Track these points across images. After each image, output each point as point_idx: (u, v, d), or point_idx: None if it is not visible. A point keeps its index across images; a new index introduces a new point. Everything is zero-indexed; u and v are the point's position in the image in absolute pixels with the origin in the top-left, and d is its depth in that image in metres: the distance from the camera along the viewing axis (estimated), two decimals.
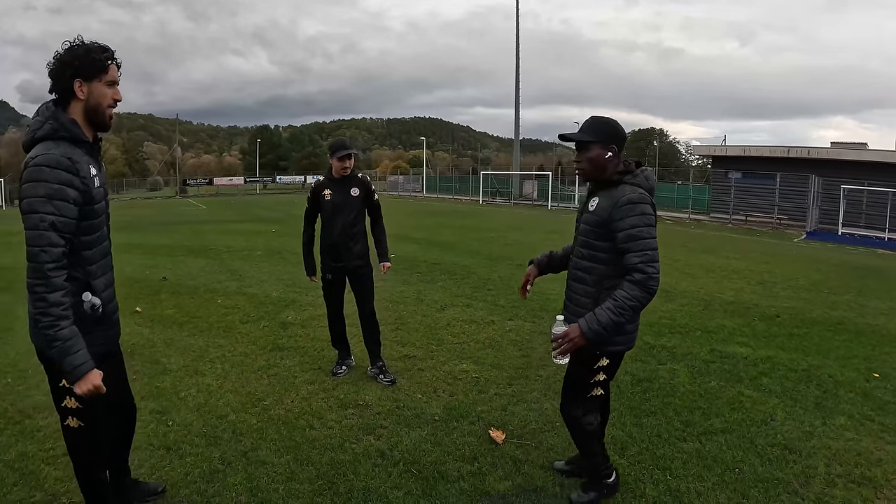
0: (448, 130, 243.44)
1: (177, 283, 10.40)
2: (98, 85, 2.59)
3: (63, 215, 2.43)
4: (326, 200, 5.35)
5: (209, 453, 4.06)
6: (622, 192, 3.02)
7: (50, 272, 2.41)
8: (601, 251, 3.12)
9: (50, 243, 2.41)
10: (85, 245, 2.61)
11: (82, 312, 2.61)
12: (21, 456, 4.05)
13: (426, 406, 4.85)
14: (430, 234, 18.55)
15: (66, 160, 2.45)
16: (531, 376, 5.51)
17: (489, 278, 10.58)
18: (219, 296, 9.19)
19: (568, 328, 3.03)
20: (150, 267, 12.10)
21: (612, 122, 3.16)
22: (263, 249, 15.08)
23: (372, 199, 5.48)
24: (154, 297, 9.04)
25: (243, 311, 8.15)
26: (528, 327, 7.14)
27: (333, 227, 5.34)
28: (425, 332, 6.96)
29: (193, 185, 74.75)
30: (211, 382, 5.38)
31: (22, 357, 6.09)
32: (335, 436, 4.32)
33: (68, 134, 2.52)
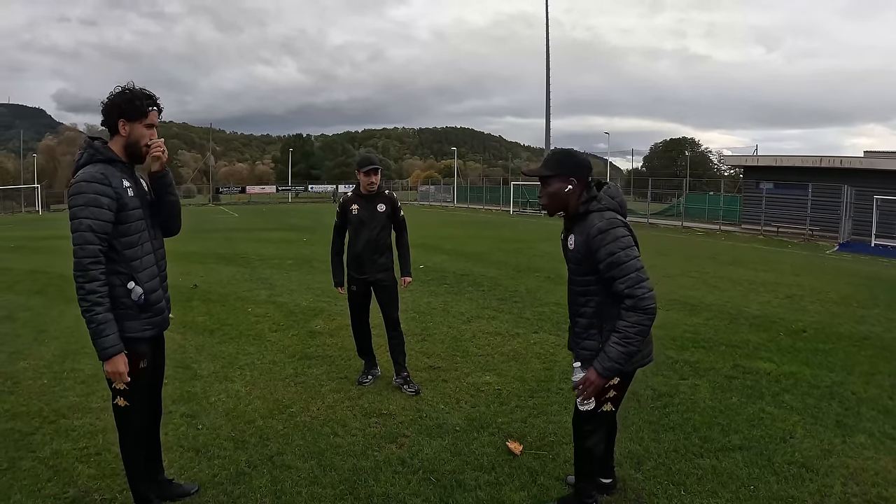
0: (479, 140, 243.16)
1: (208, 290, 10.68)
2: (138, 126, 3.12)
3: (98, 219, 2.95)
4: (354, 215, 5.57)
5: (236, 456, 4.23)
6: (591, 222, 3.06)
7: (87, 265, 2.93)
8: (591, 284, 3.15)
9: (87, 242, 2.93)
10: (126, 245, 3.11)
11: (129, 300, 3.10)
12: (55, 454, 4.26)
13: (448, 416, 4.97)
14: (459, 245, 18.69)
15: (100, 175, 2.99)
16: (553, 389, 5.60)
17: (516, 290, 10.68)
18: (249, 304, 9.42)
19: (585, 373, 3.09)
20: (183, 274, 12.37)
21: (572, 154, 3.20)
22: (294, 258, 15.36)
23: (397, 215, 5.68)
24: (186, 303, 9.27)
25: (273, 319, 8.35)
26: (553, 340, 7.21)
27: (359, 240, 5.56)
28: (451, 344, 7.08)
29: (226, 192, 75.71)
30: (240, 389, 5.57)
31: (57, 359, 6.38)
32: (358, 443, 4.47)
33: (102, 157, 3.06)
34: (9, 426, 4.77)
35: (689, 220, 35.92)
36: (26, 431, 4.66)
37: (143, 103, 3.11)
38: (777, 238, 28.05)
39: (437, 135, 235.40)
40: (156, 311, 3.26)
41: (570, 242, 3.21)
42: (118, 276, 3.07)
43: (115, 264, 3.06)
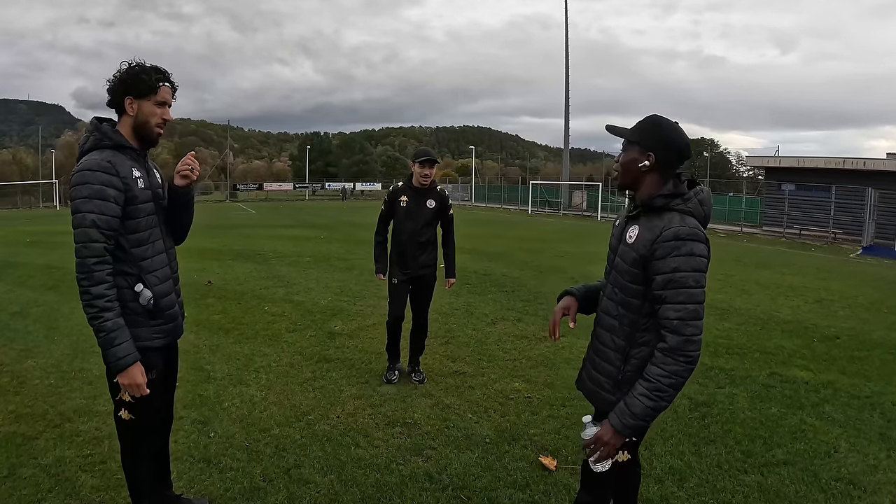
0: (496, 139, 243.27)
1: (224, 287, 10.48)
2: (147, 103, 2.77)
3: (103, 213, 2.61)
4: (401, 207, 5.50)
5: (250, 469, 3.96)
6: (668, 221, 2.34)
7: (92, 266, 2.59)
8: (635, 296, 2.44)
9: (91, 239, 2.59)
10: (135, 242, 2.77)
11: (136, 304, 2.78)
12: (58, 461, 4.03)
13: (476, 427, 4.67)
14: (480, 245, 18.37)
15: (106, 163, 2.65)
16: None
17: (540, 291, 10.37)
18: (266, 302, 9.19)
19: (598, 430, 2.40)
20: (198, 270, 12.19)
21: (662, 126, 2.44)
22: (312, 255, 15.15)
23: (446, 213, 5.62)
24: (200, 301, 9.06)
25: (290, 319, 8.11)
26: (582, 345, 6.80)
27: (403, 233, 5.50)
28: (476, 347, 6.80)
29: (244, 189, 76.15)
30: (255, 393, 5.30)
31: (66, 358, 6.20)
32: (381, 455, 4.18)
33: (111, 142, 2.72)
34: (12, 429, 4.55)
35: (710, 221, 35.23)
36: (29, 435, 4.44)
37: (153, 77, 2.76)
38: (800, 241, 27.50)
39: (454, 134, 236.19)
40: (167, 317, 2.93)
41: (629, 233, 2.48)
42: (125, 278, 2.74)
43: (121, 264, 2.73)
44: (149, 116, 2.78)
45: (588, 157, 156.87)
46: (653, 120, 2.46)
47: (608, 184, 48.84)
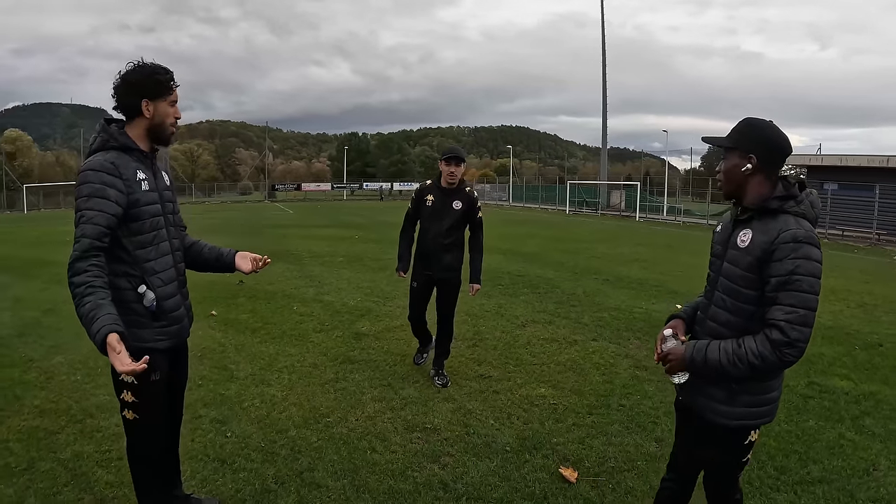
0: (534, 139, 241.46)
1: (255, 287, 10.54)
2: (162, 104, 2.80)
3: (101, 211, 2.61)
4: (426, 206, 5.46)
5: (264, 470, 3.95)
6: (785, 224, 2.30)
7: (76, 259, 2.56)
8: (748, 302, 2.40)
9: (83, 234, 2.58)
10: (138, 244, 2.78)
11: (139, 306, 2.78)
12: (76, 456, 4.10)
13: (498, 434, 4.58)
14: (515, 245, 18.23)
15: (110, 164, 2.67)
16: (613, 406, 5.16)
17: (573, 293, 10.21)
18: (295, 302, 9.23)
19: (674, 347, 2.52)
20: None
21: (760, 127, 2.41)
22: (345, 255, 15.23)
23: (474, 216, 5.50)
24: (231, 300, 9.13)
25: (318, 319, 8.13)
26: (613, 350, 6.76)
27: (428, 233, 5.45)
28: (503, 351, 6.69)
29: (282, 189, 77.27)
30: (276, 393, 5.30)
31: (93, 355, 6.22)
32: (397, 461, 4.12)
33: (117, 143, 2.75)
34: (35, 423, 4.66)
35: None
36: (51, 430, 4.54)
37: (165, 78, 2.78)
38: (842, 242, 26.68)
39: (492, 133, 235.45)
40: (172, 319, 2.92)
41: (741, 238, 2.44)
42: (128, 279, 2.75)
43: (125, 266, 2.75)
44: (164, 117, 2.81)
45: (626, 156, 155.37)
46: (747, 122, 2.45)
47: (647, 183, 48.27)
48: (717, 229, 2.66)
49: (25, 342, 7.02)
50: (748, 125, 2.42)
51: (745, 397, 2.41)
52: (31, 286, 11.18)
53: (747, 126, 2.43)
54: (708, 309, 2.59)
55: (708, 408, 2.51)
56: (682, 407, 2.74)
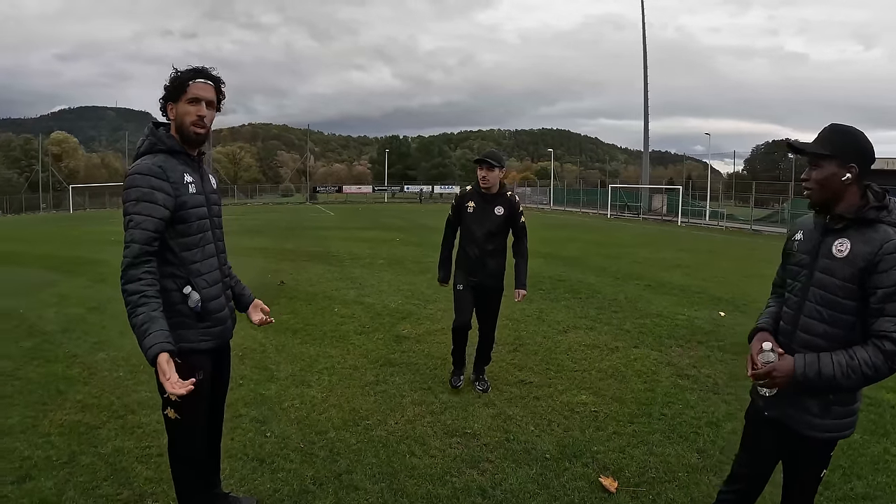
0: (575, 142, 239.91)
1: (296, 288, 10.65)
2: (181, 104, 2.81)
3: (149, 215, 2.64)
4: (468, 212, 5.35)
5: (302, 471, 3.95)
6: (886, 234, 2.28)
7: (129, 266, 2.61)
8: (848, 312, 2.36)
9: (132, 240, 2.62)
10: (184, 246, 2.81)
11: (185, 307, 2.82)
12: (117, 451, 4.17)
13: (538, 441, 4.50)
14: (556, 249, 18.08)
15: (157, 168, 2.70)
16: (654, 414, 5.04)
17: (615, 299, 10.06)
18: (336, 304, 9.28)
19: (777, 362, 2.39)
20: (272, 271, 12.52)
21: (855, 134, 2.39)
22: (386, 258, 15.27)
23: (517, 221, 5.38)
24: (272, 301, 9.06)
25: (359, 321, 8.14)
26: (655, 357, 6.63)
27: (470, 241, 5.35)
28: (544, 356, 6.61)
29: (323, 191, 78.12)
30: (316, 395, 5.32)
31: (136, 352, 6.24)
32: (436, 466, 4.09)
33: (164, 146, 2.79)
34: (77, 418, 4.77)
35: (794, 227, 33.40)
36: (93, 425, 4.63)
37: (183, 76, 2.78)
38: None
39: (532, 136, 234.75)
40: (216, 320, 2.95)
41: (837, 247, 2.40)
42: (174, 280, 2.79)
43: (171, 267, 2.78)
44: (183, 116, 2.80)
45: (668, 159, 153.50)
46: (842, 130, 2.40)
47: (689, 187, 47.54)
48: (797, 237, 2.60)
49: (69, 338, 7.20)
50: (847, 133, 2.38)
51: (837, 409, 2.39)
52: (76, 283, 11.48)
53: (843, 134, 2.38)
54: (796, 320, 2.52)
55: (801, 421, 2.48)
56: (759, 420, 2.67)
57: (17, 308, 8.97)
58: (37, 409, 4.99)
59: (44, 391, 5.40)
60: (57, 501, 3.58)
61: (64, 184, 74.72)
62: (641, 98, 53.58)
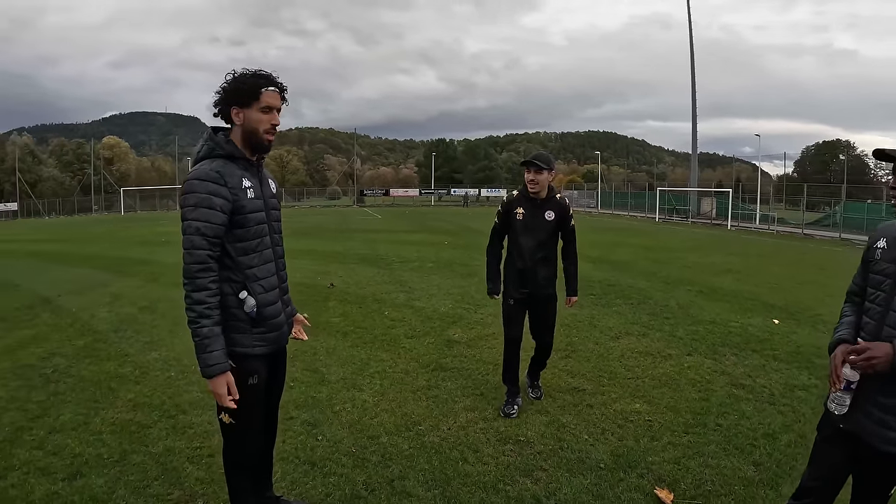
0: (622, 144, 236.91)
1: (345, 291, 10.72)
2: (252, 111, 2.80)
3: (209, 221, 2.68)
4: (518, 220, 5.05)
5: (354, 476, 3.93)
6: None
7: (195, 273, 2.66)
8: None
9: (194, 246, 2.66)
10: (242, 251, 2.83)
11: (240, 311, 2.82)
12: (168, 451, 4.23)
13: (592, 450, 4.40)
14: (605, 252, 17.81)
15: (215, 173, 2.71)
16: (710, 425, 4.88)
17: (667, 305, 9.83)
18: (386, 307, 9.29)
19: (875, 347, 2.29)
20: (322, 273, 12.61)
21: None
22: (435, 261, 15.26)
23: (567, 225, 5.13)
24: (321, 303, 9.27)
25: (409, 324, 8.13)
26: (709, 365, 6.43)
27: (521, 250, 5.04)
28: (597, 363, 6.48)
29: (370, 195, 78.88)
30: (367, 399, 5.31)
31: (187, 352, 6.45)
32: (489, 473, 4.02)
33: (223, 151, 2.79)
34: (128, 417, 4.86)
35: (847, 231, 31.68)
36: (144, 424, 4.71)
37: (251, 84, 2.78)
38: None
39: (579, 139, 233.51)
40: (271, 326, 2.96)
41: None
42: (230, 285, 2.80)
43: (228, 271, 2.80)
44: (256, 124, 2.80)
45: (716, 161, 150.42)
46: None
47: (738, 190, 46.45)
48: (880, 244, 2.51)
49: (122, 337, 7.38)
50: None
51: None
52: (128, 283, 11.80)
53: None
54: (878, 331, 2.39)
55: (878, 434, 2.37)
56: (833, 433, 2.56)
57: (71, 307, 9.21)
58: (89, 406, 5.11)
59: (96, 389, 5.53)
60: (107, 499, 3.63)
61: (115, 186, 77.36)
62: (688, 99, 52.57)
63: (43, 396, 5.36)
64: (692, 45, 51.37)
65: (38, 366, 6.26)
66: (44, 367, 6.19)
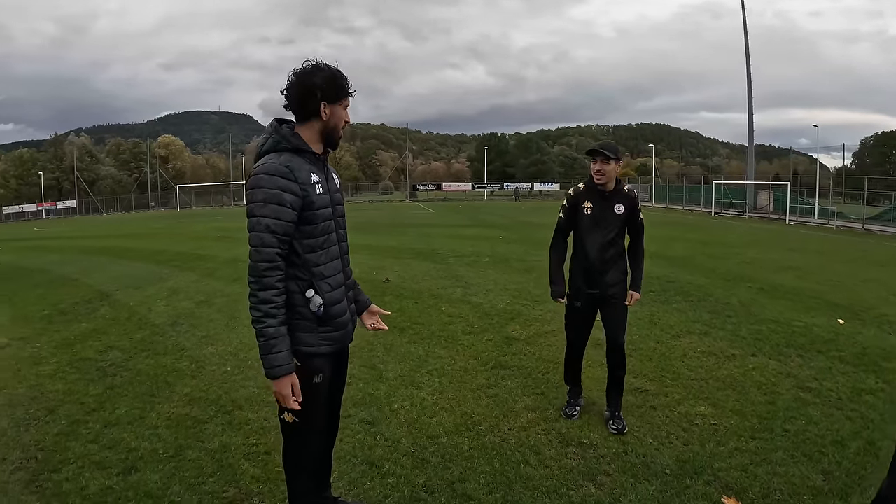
0: (675, 137, 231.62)
1: (401, 285, 10.67)
2: (339, 108, 2.80)
3: (278, 218, 2.62)
4: (585, 214, 4.68)
5: (413, 477, 3.84)
6: None
7: (263, 271, 2.61)
8: None
9: (263, 244, 2.61)
10: (309, 248, 2.77)
11: (306, 310, 2.77)
12: (223, 447, 4.21)
13: (657, 454, 4.22)
14: (661, 248, 17.29)
15: (284, 168, 2.65)
16: (777, 430, 4.63)
17: (728, 303, 9.46)
18: (443, 302, 9.19)
19: None
20: (377, 268, 12.60)
21: None
22: (490, 256, 15.11)
23: (636, 218, 4.78)
24: (378, 298, 9.11)
25: (467, 321, 8.01)
26: (774, 367, 6.14)
27: (589, 247, 4.68)
28: (659, 363, 6.26)
29: (423, 189, 79.28)
30: (426, 397, 5.21)
31: (244, 347, 6.51)
32: (552, 477, 3.88)
33: (290, 145, 2.72)
34: (184, 412, 4.87)
35: None
36: (200, 419, 4.71)
37: (345, 83, 2.79)
38: None
39: (631, 132, 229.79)
40: (337, 325, 2.89)
41: None
42: (296, 283, 2.75)
43: (294, 269, 2.74)
44: (338, 121, 2.81)
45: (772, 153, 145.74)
46: None
47: (797, 183, 45.05)
48: None
49: (178, 331, 7.47)
50: None
51: None
52: (185, 278, 12.02)
53: None
54: None
55: None
56: None
57: (129, 301, 9.37)
58: (144, 400, 5.15)
59: (152, 383, 5.58)
60: (162, 495, 3.62)
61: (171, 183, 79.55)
62: (742, 89, 51.07)
63: (100, 390, 5.43)
64: (746, 34, 50.03)
65: (95, 359, 6.36)
66: (101, 361, 6.29)
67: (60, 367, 6.09)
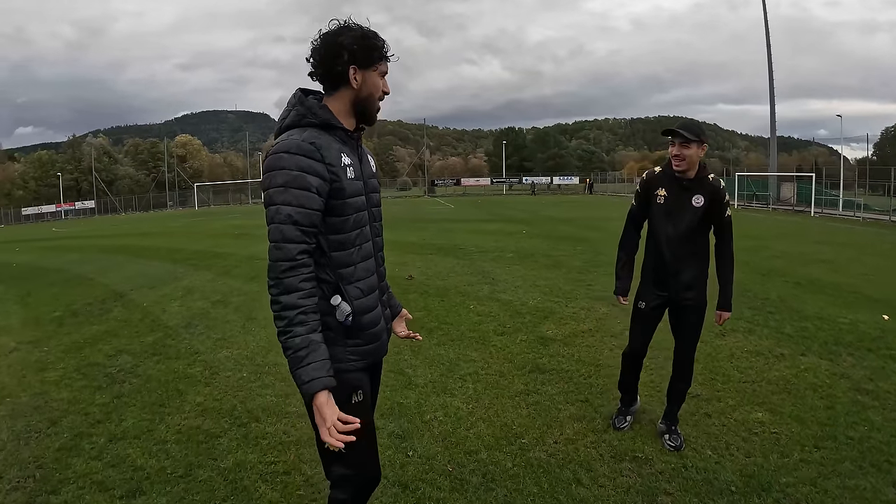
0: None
1: (425, 283, 10.31)
2: (373, 74, 2.37)
3: (303, 206, 2.16)
4: (658, 203, 4.13)
5: (452, 500, 3.46)
6: None
7: (284, 271, 2.15)
8: None
9: (285, 239, 2.15)
10: (336, 245, 2.31)
11: (332, 319, 2.30)
12: (238, 465, 3.87)
13: (718, 469, 3.83)
14: None
15: (309, 145, 2.20)
16: (840, 438, 4.22)
17: (767, 298, 9.00)
18: (470, 300, 8.79)
19: None
20: (399, 265, 12.22)
21: None
22: (515, 251, 14.69)
23: (720, 215, 4.11)
24: (402, 296, 8.80)
25: (498, 320, 7.60)
26: (826, 367, 5.71)
27: (660, 241, 4.14)
28: (707, 364, 5.80)
29: (441, 185, 79.35)
30: (460, 405, 4.81)
31: (261, 351, 6.24)
32: (608, 498, 3.50)
33: (317, 119, 2.28)
34: (196, 423, 4.56)
35: None
36: (213, 433, 4.39)
37: (379, 44, 2.34)
38: None
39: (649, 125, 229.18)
40: (369, 337, 2.40)
41: None
42: (321, 286, 2.28)
43: (318, 269, 2.27)
44: (373, 90, 2.37)
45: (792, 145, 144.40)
46: None
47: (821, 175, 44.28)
48: None
49: (192, 333, 7.19)
50: None
51: None
52: (201, 277, 11.81)
53: None
54: None
55: None
56: None
57: (143, 301, 9.11)
58: (153, 411, 4.84)
59: (163, 391, 5.27)
60: None
61: (189, 182, 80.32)
62: (760, 81, 50.77)
63: (106, 398, 5.14)
64: (767, 24, 49.20)
65: (104, 364, 6.09)
66: (110, 366, 6.01)
67: (67, 373, 5.82)
